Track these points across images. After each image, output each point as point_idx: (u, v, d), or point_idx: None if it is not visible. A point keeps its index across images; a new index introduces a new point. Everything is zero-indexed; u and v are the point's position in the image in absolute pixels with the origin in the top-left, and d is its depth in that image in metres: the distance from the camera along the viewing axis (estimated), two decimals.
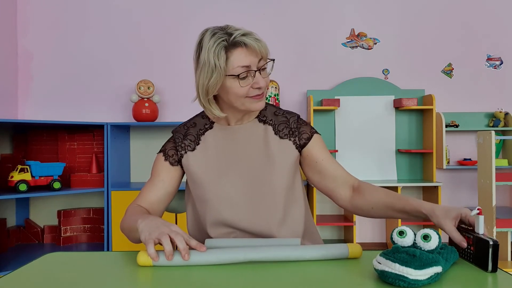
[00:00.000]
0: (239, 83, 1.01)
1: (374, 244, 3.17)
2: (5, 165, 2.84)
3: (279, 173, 1.09)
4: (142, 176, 3.13)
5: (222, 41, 0.99)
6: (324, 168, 1.13)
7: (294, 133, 1.14)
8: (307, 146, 1.14)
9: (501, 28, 3.19)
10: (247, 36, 1.00)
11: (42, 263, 0.88)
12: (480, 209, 0.84)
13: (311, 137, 1.15)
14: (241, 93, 1.03)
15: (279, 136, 1.13)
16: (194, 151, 1.13)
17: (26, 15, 3.13)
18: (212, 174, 1.10)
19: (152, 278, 0.79)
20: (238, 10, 3.16)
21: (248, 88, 1.03)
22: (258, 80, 1.02)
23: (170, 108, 3.17)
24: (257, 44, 1.01)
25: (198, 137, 1.15)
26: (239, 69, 1.00)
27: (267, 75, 1.07)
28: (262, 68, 1.04)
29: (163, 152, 1.17)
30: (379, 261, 0.73)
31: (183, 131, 1.17)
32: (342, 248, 0.88)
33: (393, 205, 1.01)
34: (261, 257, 0.85)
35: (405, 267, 0.69)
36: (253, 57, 1.01)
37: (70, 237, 2.95)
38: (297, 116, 1.17)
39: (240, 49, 0.99)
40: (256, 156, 1.11)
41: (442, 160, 2.94)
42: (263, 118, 1.15)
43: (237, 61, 0.99)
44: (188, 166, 1.13)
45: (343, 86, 3.15)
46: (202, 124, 1.16)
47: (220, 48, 0.98)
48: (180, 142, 1.15)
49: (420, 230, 0.78)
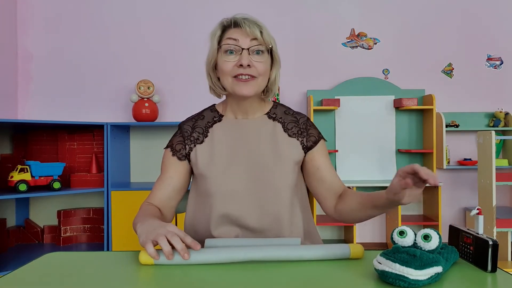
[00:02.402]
0: (223, 56, 1.06)
1: (374, 244, 3.17)
2: (5, 165, 2.84)
3: (285, 170, 1.09)
4: (142, 176, 3.13)
5: (223, 22, 1.10)
6: (323, 176, 1.13)
7: (302, 133, 1.14)
8: (312, 150, 1.14)
9: (501, 28, 3.19)
10: (247, 19, 1.07)
11: (42, 263, 0.88)
12: (480, 209, 0.84)
13: (317, 142, 1.15)
14: (226, 69, 1.06)
15: (287, 134, 1.13)
16: (203, 143, 1.12)
17: (26, 15, 3.13)
18: (219, 167, 1.09)
19: (152, 278, 0.79)
20: (238, 11, 3.16)
21: (232, 64, 1.05)
22: (242, 57, 1.04)
23: (170, 108, 3.17)
24: (251, 25, 1.05)
25: (207, 129, 1.14)
26: (226, 41, 1.06)
27: (261, 61, 1.07)
28: (253, 49, 1.05)
29: (170, 147, 1.15)
30: (380, 261, 0.73)
31: (191, 124, 1.16)
32: (343, 248, 0.88)
33: (365, 202, 1.01)
34: (261, 256, 0.85)
35: (406, 267, 0.69)
36: (244, 36, 1.05)
37: (70, 237, 2.95)
38: (307, 118, 1.19)
39: (235, 28, 1.07)
40: (264, 152, 1.10)
41: (442, 160, 2.94)
42: (272, 115, 1.16)
43: (226, 35, 1.07)
44: (196, 159, 1.11)
45: (343, 86, 3.15)
46: (211, 117, 1.16)
47: (218, 28, 1.10)
48: (188, 135, 1.14)
49: (420, 230, 0.78)
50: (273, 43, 1.10)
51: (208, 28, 3.65)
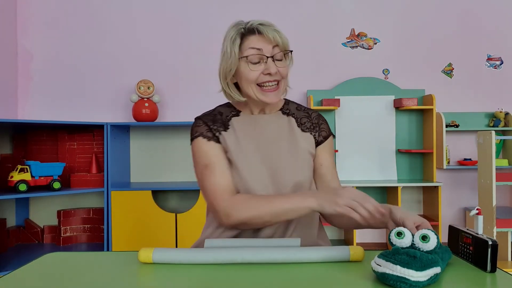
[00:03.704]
0: (249, 66, 1.04)
1: (374, 245, 3.17)
2: (5, 165, 2.84)
3: (302, 165, 1.10)
4: (142, 176, 3.13)
5: (240, 29, 1.06)
6: (323, 174, 1.14)
7: (315, 128, 1.16)
8: (320, 145, 1.15)
9: (501, 28, 3.19)
10: (264, 25, 1.05)
11: (42, 263, 0.88)
12: (479, 209, 0.84)
13: (327, 137, 1.17)
14: (251, 78, 1.05)
15: (301, 129, 1.14)
16: (227, 131, 1.11)
17: (26, 15, 3.13)
18: (244, 158, 1.07)
19: (152, 278, 0.79)
20: (238, 11, 3.16)
21: (258, 73, 1.05)
22: (269, 65, 1.04)
23: (170, 108, 3.17)
24: (272, 32, 1.04)
25: (226, 122, 1.13)
26: (250, 50, 1.04)
27: (284, 66, 1.07)
28: (276, 56, 1.06)
29: (202, 135, 1.09)
30: (379, 263, 0.73)
31: (211, 118, 1.13)
32: (343, 250, 0.87)
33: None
34: (261, 258, 0.85)
35: (407, 269, 0.68)
36: (266, 44, 1.04)
37: (70, 237, 2.95)
38: (318, 113, 1.20)
39: (255, 35, 1.05)
40: (282, 146, 1.11)
41: (442, 160, 2.94)
42: (286, 110, 1.17)
43: (249, 44, 1.05)
44: (226, 145, 1.09)
45: (343, 86, 3.15)
46: (229, 111, 1.16)
47: (237, 35, 1.06)
48: (211, 125, 1.11)
49: (418, 231, 0.78)
50: (289, 45, 1.10)
51: (208, 28, 3.64)
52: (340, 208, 0.89)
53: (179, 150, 3.11)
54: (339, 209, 0.88)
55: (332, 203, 0.90)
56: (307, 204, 0.94)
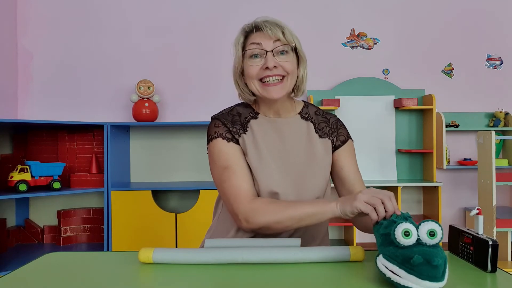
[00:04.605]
0: (249, 61, 1.06)
1: (374, 245, 3.17)
2: (5, 165, 2.84)
3: (320, 172, 1.09)
4: (142, 176, 3.13)
5: (245, 28, 1.10)
6: (346, 177, 1.13)
7: (333, 133, 1.15)
8: (339, 149, 1.15)
9: (501, 28, 3.19)
10: (267, 21, 1.07)
11: (42, 263, 0.88)
12: (479, 209, 0.84)
13: (346, 141, 1.16)
14: (252, 73, 1.06)
15: (319, 135, 1.14)
16: (247, 134, 1.09)
17: (26, 15, 3.13)
18: (262, 162, 1.06)
19: (152, 278, 0.79)
20: (238, 11, 3.16)
21: (258, 68, 1.05)
22: (267, 59, 1.04)
23: (170, 108, 3.16)
24: (272, 27, 1.05)
25: (245, 124, 1.11)
26: (250, 46, 1.07)
27: (288, 61, 1.07)
28: (277, 50, 1.05)
29: (221, 137, 1.07)
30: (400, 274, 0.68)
31: (229, 118, 1.11)
32: (343, 250, 0.87)
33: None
34: (261, 258, 0.85)
35: (436, 282, 0.66)
36: (266, 39, 1.05)
37: (70, 237, 2.95)
38: (337, 118, 1.19)
39: (257, 32, 1.07)
40: (301, 153, 1.10)
41: (442, 160, 2.94)
42: (305, 115, 1.16)
43: (250, 41, 1.07)
44: (245, 148, 1.08)
45: (343, 86, 3.15)
46: (247, 112, 1.14)
47: (241, 34, 1.10)
48: (231, 126, 1.09)
49: (422, 225, 0.73)
50: (297, 41, 1.10)
51: (208, 28, 3.65)
52: (360, 203, 0.85)
53: (179, 150, 3.11)
54: (359, 205, 0.85)
55: (352, 202, 0.87)
56: (329, 208, 0.91)
